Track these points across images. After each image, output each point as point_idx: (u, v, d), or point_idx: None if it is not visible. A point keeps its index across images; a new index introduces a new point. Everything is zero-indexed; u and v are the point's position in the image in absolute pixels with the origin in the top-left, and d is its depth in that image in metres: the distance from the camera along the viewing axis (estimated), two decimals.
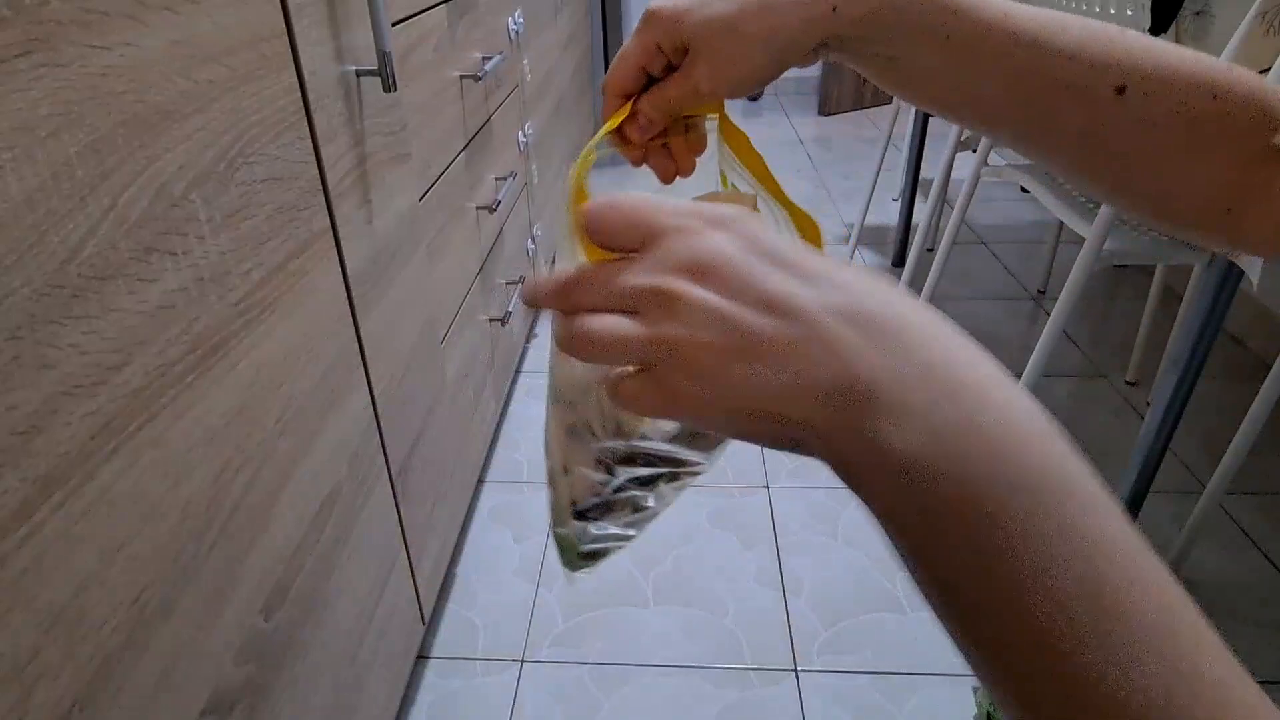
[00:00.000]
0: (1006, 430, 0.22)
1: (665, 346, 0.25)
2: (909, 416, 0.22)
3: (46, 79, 0.36)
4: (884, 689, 1.02)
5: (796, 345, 0.23)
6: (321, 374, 0.66)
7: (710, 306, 0.24)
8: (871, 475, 0.23)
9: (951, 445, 0.21)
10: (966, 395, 0.22)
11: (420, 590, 0.97)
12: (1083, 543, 0.20)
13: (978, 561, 0.21)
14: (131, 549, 0.43)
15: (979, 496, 0.21)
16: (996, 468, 0.21)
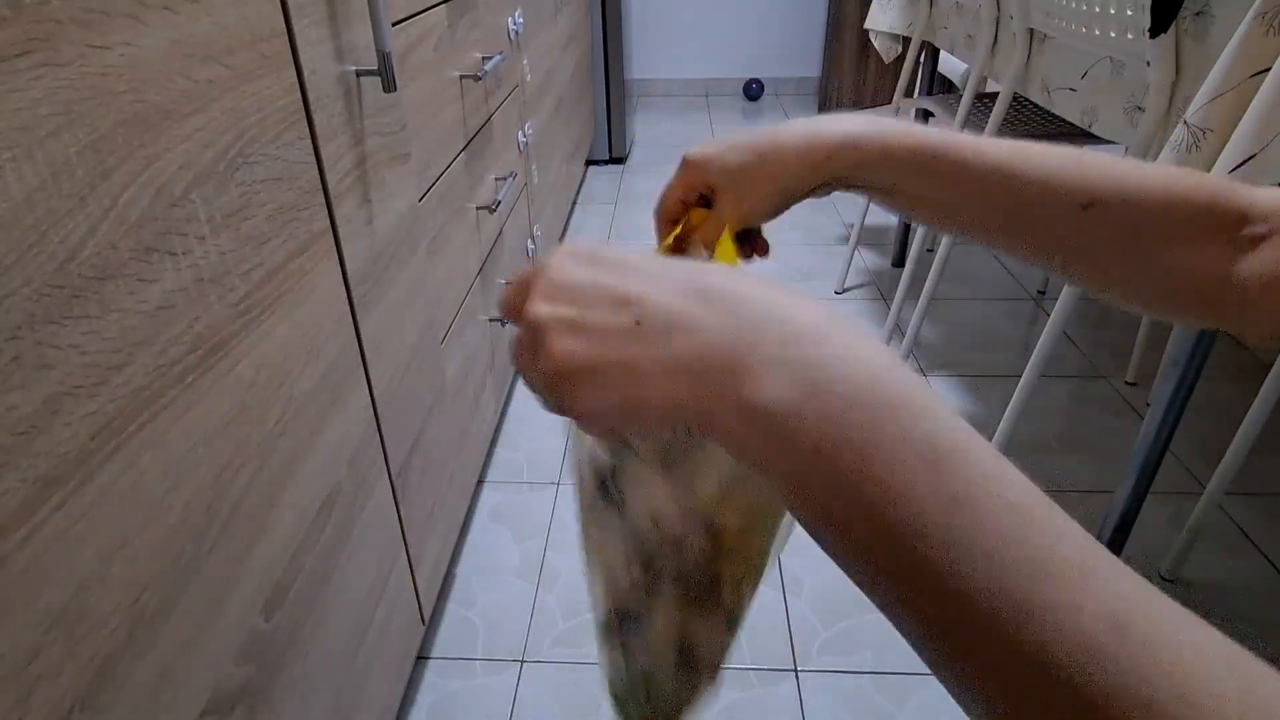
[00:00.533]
0: (849, 366, 0.23)
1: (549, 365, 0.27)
2: (767, 369, 0.24)
3: (46, 79, 0.36)
4: (884, 689, 1.02)
5: (644, 328, 0.26)
6: (321, 374, 0.66)
7: (566, 318, 0.27)
8: (743, 431, 0.24)
9: (805, 386, 0.23)
10: (813, 343, 0.24)
11: (420, 590, 0.97)
12: (928, 454, 0.22)
13: (844, 489, 0.22)
14: (131, 549, 0.43)
15: (833, 430, 0.23)
16: (843, 401, 0.23)
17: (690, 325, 0.25)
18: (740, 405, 0.24)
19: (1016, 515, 0.21)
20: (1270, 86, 0.70)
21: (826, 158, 0.40)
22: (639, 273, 0.27)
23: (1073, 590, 0.20)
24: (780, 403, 0.23)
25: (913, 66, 1.91)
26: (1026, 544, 0.20)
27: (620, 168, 2.99)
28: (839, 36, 3.49)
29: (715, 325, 0.25)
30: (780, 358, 0.24)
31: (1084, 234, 0.38)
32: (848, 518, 0.22)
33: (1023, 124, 1.66)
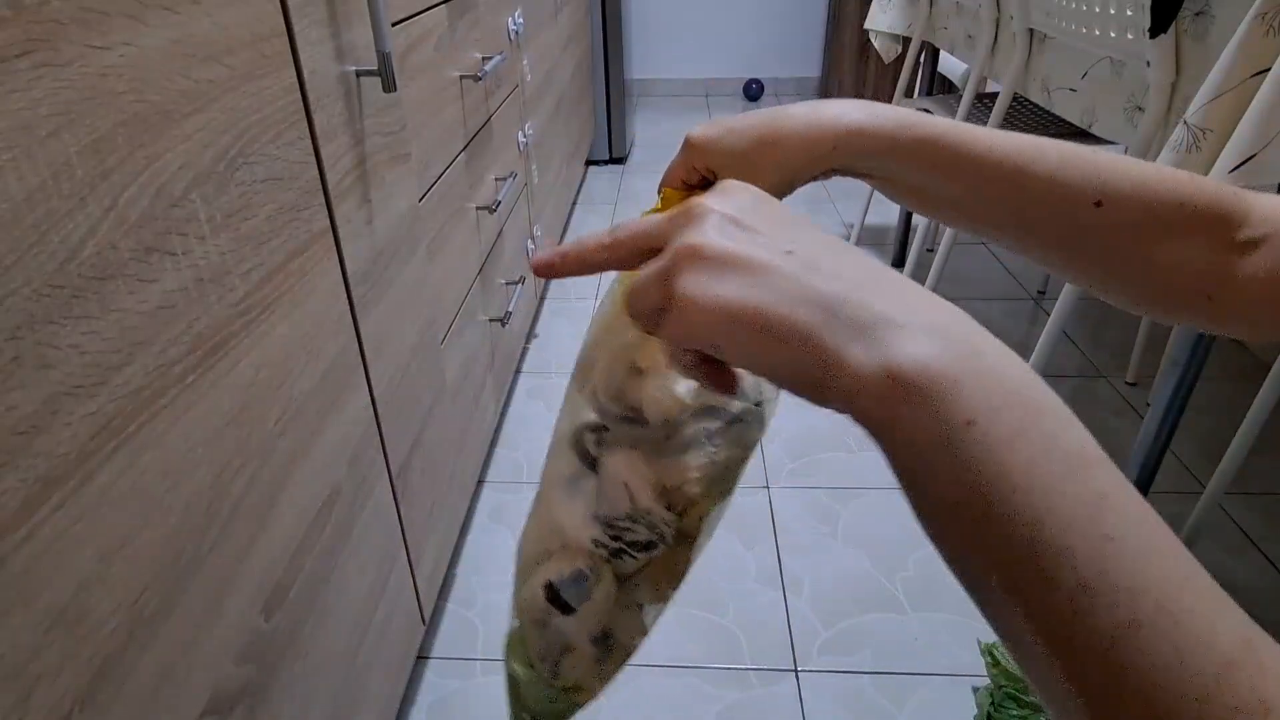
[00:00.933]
0: (1003, 356, 0.24)
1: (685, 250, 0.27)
2: (922, 328, 0.23)
3: (46, 79, 0.36)
4: (884, 689, 1.02)
5: (801, 267, 0.26)
6: (321, 374, 0.66)
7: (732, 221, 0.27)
8: (873, 388, 0.23)
9: (964, 356, 0.23)
10: (960, 325, 0.24)
11: (420, 590, 0.97)
12: (1068, 450, 0.22)
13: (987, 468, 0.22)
14: (131, 549, 0.43)
15: (988, 405, 0.22)
16: (998, 383, 0.23)
17: (841, 273, 0.25)
18: (888, 360, 0.23)
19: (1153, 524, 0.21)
20: (1270, 86, 0.70)
21: (831, 147, 0.40)
22: (799, 228, 0.28)
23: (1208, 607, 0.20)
24: (936, 367, 0.23)
25: (913, 66, 1.91)
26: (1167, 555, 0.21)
27: (620, 168, 2.99)
28: (839, 36, 3.49)
29: (867, 281, 0.25)
30: (935, 325, 0.24)
31: (1094, 231, 0.38)
32: (987, 503, 0.22)
33: (1023, 124, 1.66)
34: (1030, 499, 0.21)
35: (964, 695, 1.00)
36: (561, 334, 1.87)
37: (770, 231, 0.27)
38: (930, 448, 0.23)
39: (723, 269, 0.26)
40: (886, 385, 0.23)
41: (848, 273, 0.25)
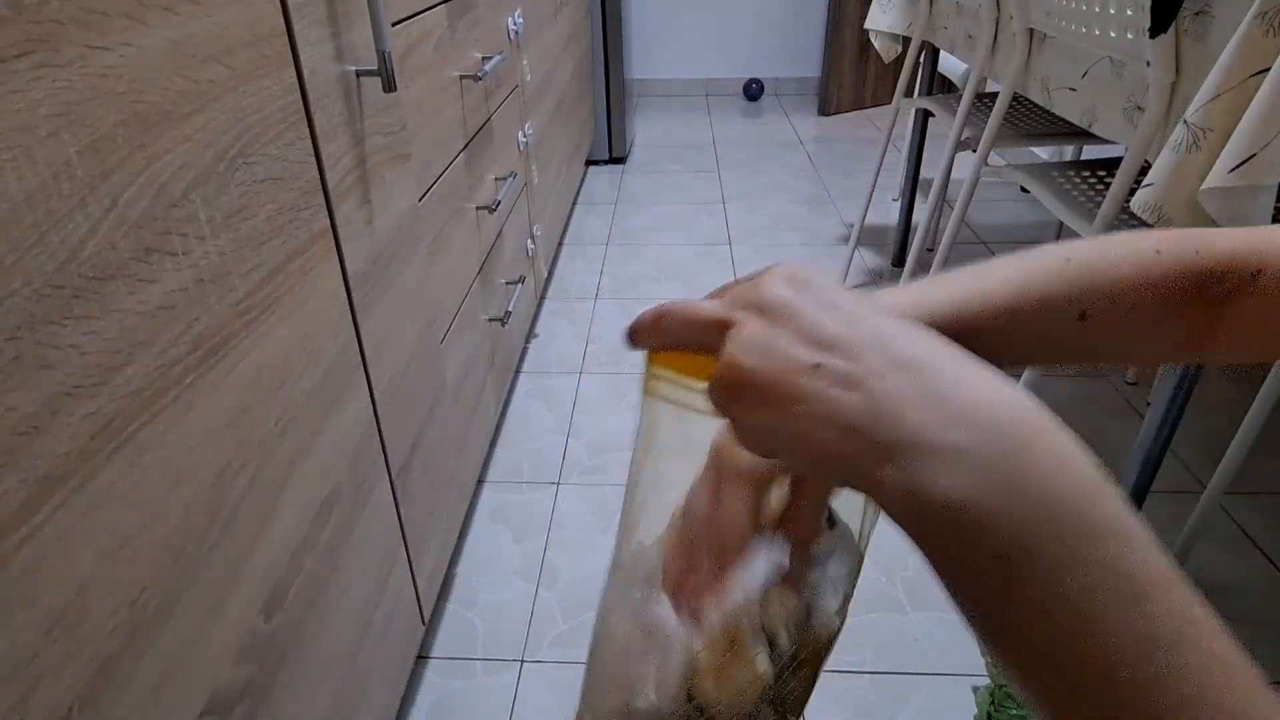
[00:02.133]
0: (1051, 473, 0.22)
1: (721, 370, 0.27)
2: (952, 456, 0.22)
3: (46, 79, 0.36)
4: (884, 689, 1.02)
5: (842, 379, 0.25)
6: (321, 374, 0.66)
7: (762, 334, 0.27)
8: (914, 515, 0.23)
9: (998, 486, 0.21)
10: (1010, 437, 0.22)
11: (420, 590, 0.97)
12: (1131, 587, 0.20)
13: (1026, 603, 0.21)
14: (132, 549, 0.43)
15: (1024, 539, 0.21)
16: (1042, 510, 0.21)
17: (869, 384, 0.24)
18: (912, 486, 0.22)
19: (1220, 669, 0.20)
20: (1270, 86, 0.70)
21: None
22: (841, 314, 0.27)
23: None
24: (961, 499, 0.22)
25: (913, 66, 1.91)
26: (1228, 703, 0.20)
27: (620, 168, 2.99)
28: (839, 36, 3.49)
29: (897, 391, 0.24)
30: (969, 447, 0.22)
31: (1080, 340, 0.38)
32: (1025, 639, 0.21)
33: (1023, 124, 1.66)
34: (1073, 639, 0.20)
35: (964, 695, 1.00)
36: (561, 334, 1.87)
37: (811, 326, 0.26)
38: (964, 579, 0.22)
39: (754, 401, 0.26)
40: (916, 510, 0.23)
41: (880, 375, 0.24)
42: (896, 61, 2.09)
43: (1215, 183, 0.74)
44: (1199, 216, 0.80)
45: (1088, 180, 1.29)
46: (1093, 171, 1.32)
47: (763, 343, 0.26)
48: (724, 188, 2.75)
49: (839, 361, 0.25)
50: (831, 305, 0.27)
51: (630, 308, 1.98)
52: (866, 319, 0.26)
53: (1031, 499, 0.21)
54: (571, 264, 2.22)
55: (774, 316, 0.27)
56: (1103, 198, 1.12)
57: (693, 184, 2.80)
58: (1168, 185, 0.82)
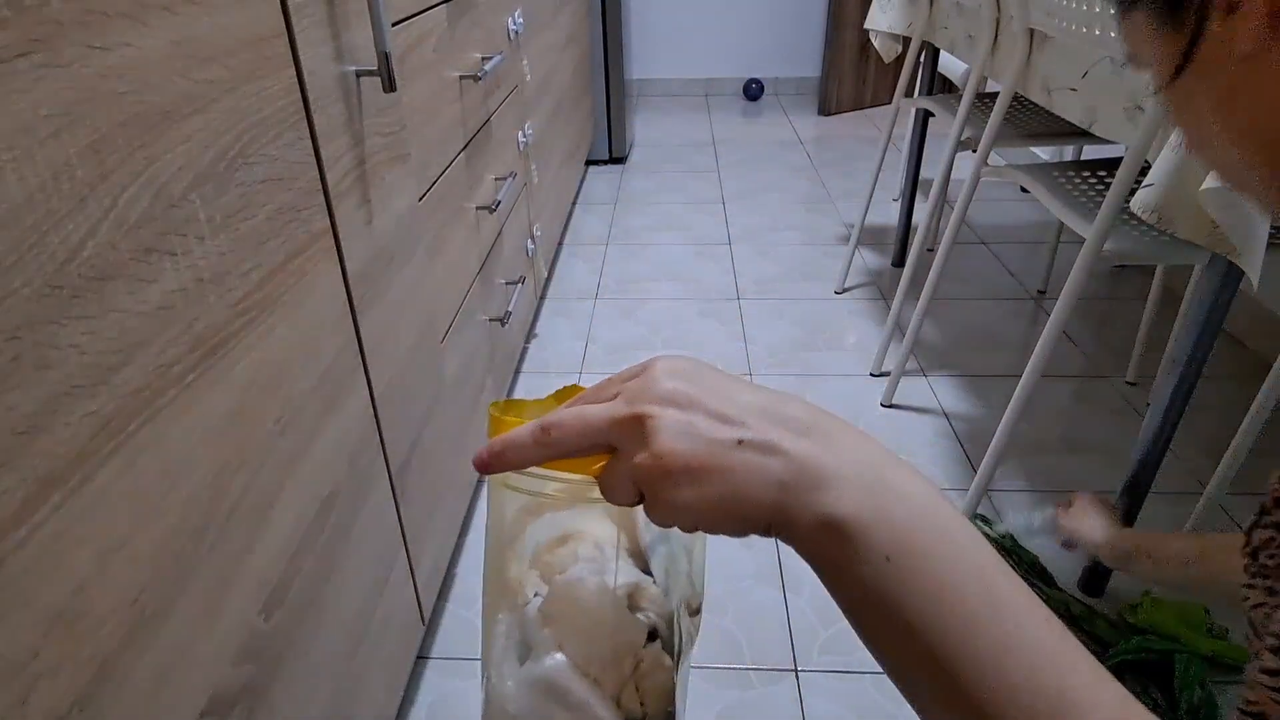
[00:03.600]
0: (913, 492, 0.29)
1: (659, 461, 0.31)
2: (843, 486, 0.29)
3: (46, 79, 0.36)
4: (884, 689, 1.02)
5: (764, 448, 0.30)
6: (321, 374, 0.66)
7: (679, 421, 0.31)
8: (821, 538, 0.29)
9: (879, 502, 0.29)
10: (882, 469, 0.30)
11: (420, 590, 0.97)
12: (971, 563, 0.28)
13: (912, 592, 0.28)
14: (131, 549, 0.43)
15: (900, 540, 0.28)
16: (908, 519, 0.29)
17: (784, 447, 0.30)
18: (821, 516, 0.29)
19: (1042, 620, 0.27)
20: None
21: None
22: (736, 396, 0.31)
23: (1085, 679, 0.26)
24: (856, 514, 0.28)
25: (913, 66, 1.91)
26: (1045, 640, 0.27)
27: (620, 168, 2.99)
28: (839, 36, 3.49)
29: (802, 450, 0.30)
30: (856, 478, 0.29)
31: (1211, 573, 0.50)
32: (911, 617, 0.27)
33: (1023, 124, 1.66)
34: (944, 611, 0.27)
35: None
36: (561, 334, 1.87)
37: (717, 410, 0.31)
38: (860, 580, 0.28)
39: (692, 479, 0.30)
40: (826, 534, 0.29)
41: (792, 441, 0.30)
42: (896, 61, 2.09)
43: (1215, 183, 0.74)
44: (1199, 217, 0.80)
45: (1088, 180, 1.29)
46: (1093, 171, 1.32)
47: (685, 429, 0.30)
48: (724, 187, 2.75)
49: (755, 435, 0.30)
50: (722, 389, 0.32)
51: (630, 308, 1.98)
52: (754, 396, 0.32)
53: (900, 512, 0.29)
54: (571, 264, 2.22)
55: (683, 405, 0.31)
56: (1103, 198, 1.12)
57: (692, 184, 2.79)
58: (1168, 185, 0.82)
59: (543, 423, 0.33)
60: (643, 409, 0.31)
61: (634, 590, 0.38)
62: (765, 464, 0.30)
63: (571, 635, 0.38)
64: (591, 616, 0.38)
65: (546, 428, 0.33)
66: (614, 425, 0.32)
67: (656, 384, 0.32)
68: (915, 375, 1.69)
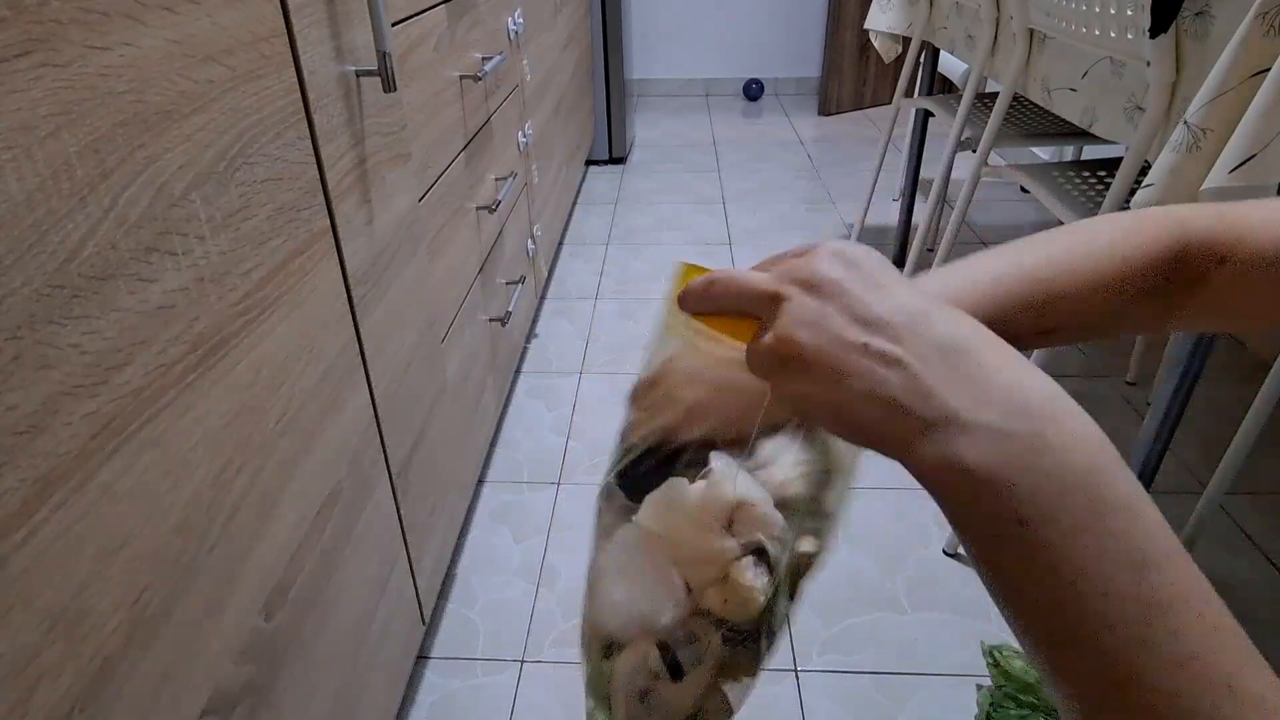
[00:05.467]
0: (1071, 451, 0.24)
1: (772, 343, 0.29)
2: (976, 426, 0.25)
3: (46, 79, 0.36)
4: (884, 689, 1.02)
5: (887, 358, 0.27)
6: (321, 374, 0.66)
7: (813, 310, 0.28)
8: (945, 484, 0.25)
9: (1021, 458, 0.24)
10: (1036, 418, 0.25)
11: (420, 590, 0.97)
12: (1129, 549, 0.23)
13: (1040, 569, 0.23)
14: (132, 549, 0.43)
15: (1041, 507, 0.23)
16: (1059, 483, 0.23)
17: (913, 365, 0.26)
18: (945, 456, 0.25)
19: (1214, 635, 0.22)
20: (1270, 86, 0.70)
21: None
22: (886, 297, 0.28)
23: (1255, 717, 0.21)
24: (989, 469, 0.24)
25: (913, 66, 1.91)
26: (1217, 666, 0.21)
27: (620, 168, 2.99)
28: (839, 36, 3.49)
29: (936, 371, 0.26)
30: (999, 425, 0.25)
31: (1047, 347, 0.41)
32: (1038, 596, 0.23)
33: (1023, 124, 1.66)
34: (1080, 600, 0.22)
35: (964, 695, 1.00)
36: (561, 334, 1.87)
37: (859, 304, 0.28)
38: (988, 542, 0.24)
39: (804, 372, 0.28)
40: (948, 479, 0.25)
41: (921, 358, 0.26)
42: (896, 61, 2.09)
43: (1215, 183, 0.74)
44: None
45: (1088, 180, 1.29)
46: (1093, 171, 1.32)
47: (814, 319, 0.28)
48: (724, 188, 2.75)
49: (884, 342, 0.27)
50: (878, 286, 0.29)
51: (630, 308, 1.98)
52: (910, 302, 0.28)
53: (1049, 472, 0.24)
54: (571, 264, 2.22)
55: (824, 294, 0.28)
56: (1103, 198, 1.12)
57: (693, 184, 2.79)
58: (1168, 185, 0.82)
59: (712, 275, 0.32)
60: (784, 288, 0.29)
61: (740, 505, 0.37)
62: (885, 377, 0.26)
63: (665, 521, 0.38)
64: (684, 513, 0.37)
65: (712, 280, 0.32)
66: (757, 297, 0.30)
67: (811, 264, 0.29)
68: None
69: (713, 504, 0.36)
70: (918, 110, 1.99)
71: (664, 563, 0.37)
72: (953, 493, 0.25)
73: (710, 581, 0.36)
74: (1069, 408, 0.25)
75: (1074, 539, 0.23)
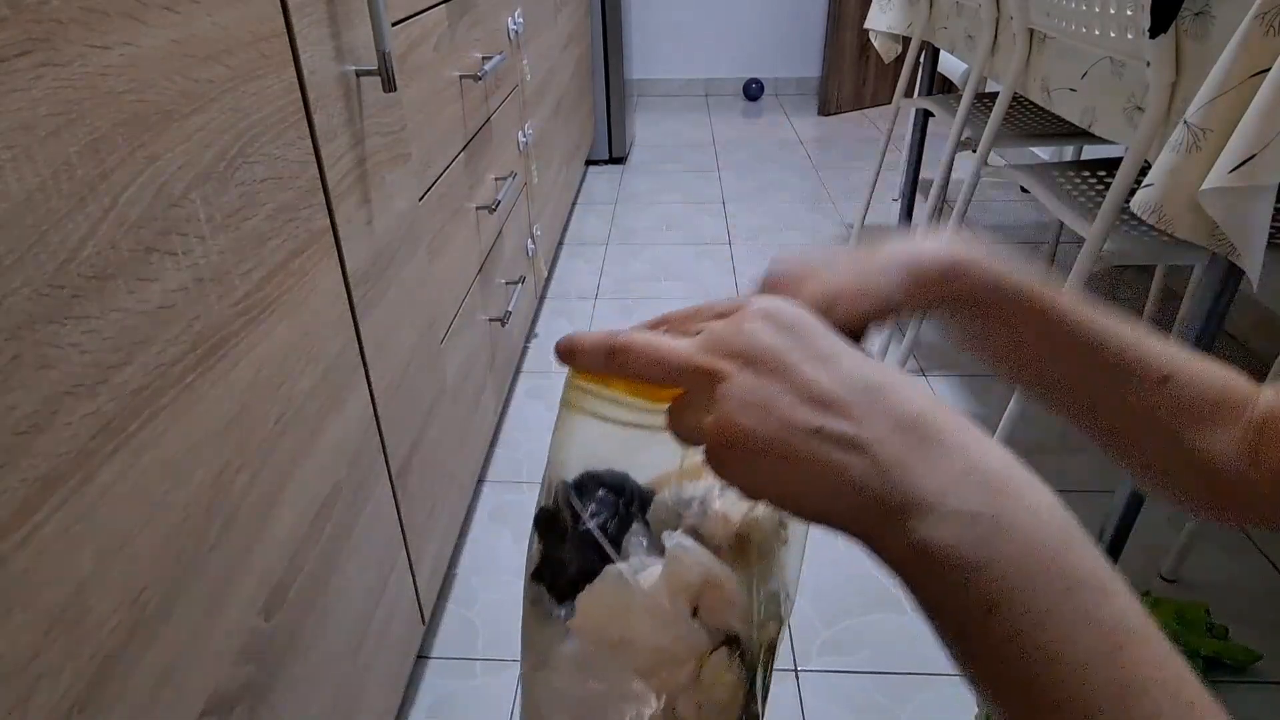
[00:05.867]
0: (1036, 529, 0.23)
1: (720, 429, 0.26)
2: (941, 509, 0.23)
3: (46, 79, 0.36)
4: (884, 689, 1.02)
5: (845, 442, 0.25)
6: (321, 374, 0.66)
7: (755, 392, 0.26)
8: (908, 564, 0.24)
9: (987, 540, 0.23)
10: (1000, 495, 0.24)
11: (420, 590, 0.97)
12: (1101, 629, 0.22)
13: (1011, 653, 0.22)
14: (131, 549, 0.43)
15: (1008, 590, 0.22)
16: (1023, 564, 0.22)
17: (873, 448, 0.24)
18: (911, 542, 0.24)
19: (1192, 714, 0.21)
20: (1270, 86, 0.70)
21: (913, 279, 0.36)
22: (833, 369, 0.26)
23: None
24: (955, 551, 0.23)
25: (913, 66, 1.91)
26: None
27: (620, 168, 2.99)
28: (839, 36, 3.49)
29: (897, 453, 0.24)
30: (962, 507, 0.23)
31: (1155, 408, 0.36)
32: (1011, 680, 0.22)
33: (1023, 124, 1.66)
34: (1055, 685, 0.21)
35: (964, 695, 1.00)
36: (561, 334, 1.87)
37: (805, 382, 0.26)
38: (957, 628, 0.23)
39: (753, 459, 0.26)
40: (914, 565, 0.24)
41: (880, 440, 0.25)
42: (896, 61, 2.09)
43: (1215, 183, 0.74)
44: (1199, 217, 0.80)
45: (1088, 180, 1.29)
46: (1093, 171, 1.32)
47: (759, 400, 0.26)
48: (724, 187, 2.75)
49: (840, 423, 0.25)
50: (822, 358, 0.26)
51: (630, 308, 1.98)
52: (860, 374, 0.26)
53: (1013, 554, 0.23)
54: (571, 264, 2.22)
55: (766, 369, 0.26)
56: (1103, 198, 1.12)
57: (693, 184, 2.79)
58: (1168, 185, 0.82)
59: (614, 342, 0.29)
60: (718, 364, 0.26)
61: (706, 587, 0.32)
62: (843, 462, 0.24)
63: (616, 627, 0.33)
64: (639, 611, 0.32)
65: (616, 350, 0.29)
66: (685, 372, 0.27)
67: (745, 334, 0.27)
68: (915, 375, 1.69)
69: (677, 592, 0.32)
70: (918, 110, 1.99)
71: (623, 676, 0.32)
72: (919, 579, 0.24)
73: (683, 687, 0.32)
74: (1027, 479, 0.24)
75: (1045, 622, 0.22)
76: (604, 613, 0.33)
